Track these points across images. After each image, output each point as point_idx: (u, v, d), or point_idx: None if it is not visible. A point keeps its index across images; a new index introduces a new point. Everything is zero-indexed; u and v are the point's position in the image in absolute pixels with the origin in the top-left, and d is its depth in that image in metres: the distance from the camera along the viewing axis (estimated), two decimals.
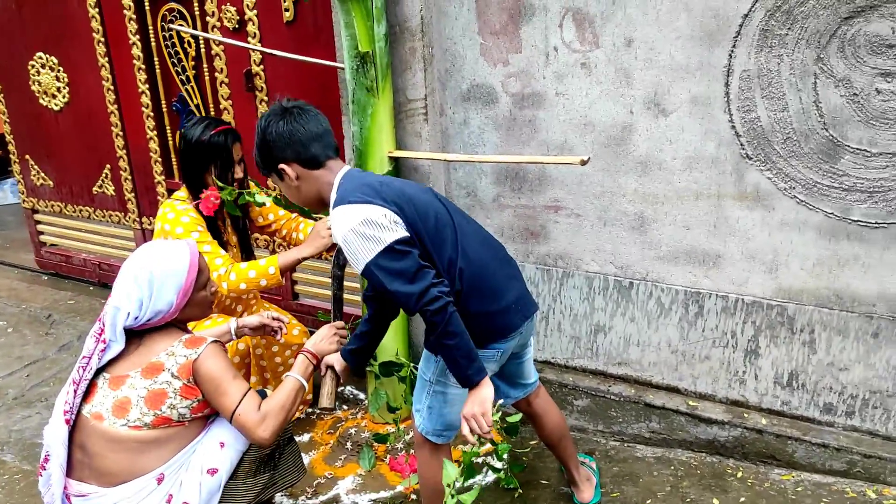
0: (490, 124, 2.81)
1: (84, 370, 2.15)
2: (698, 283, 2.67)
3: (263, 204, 2.85)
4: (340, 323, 2.50)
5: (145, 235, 4.25)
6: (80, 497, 2.18)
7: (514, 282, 2.13)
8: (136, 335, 2.19)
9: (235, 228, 3.01)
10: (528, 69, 2.67)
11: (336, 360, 2.39)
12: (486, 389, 1.95)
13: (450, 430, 2.23)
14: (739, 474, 2.66)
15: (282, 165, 2.06)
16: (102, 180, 4.26)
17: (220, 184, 2.74)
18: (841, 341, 2.50)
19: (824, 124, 2.30)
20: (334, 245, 2.76)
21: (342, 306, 2.59)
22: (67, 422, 2.14)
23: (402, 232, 1.89)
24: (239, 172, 2.83)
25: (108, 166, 4.19)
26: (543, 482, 2.73)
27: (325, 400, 2.45)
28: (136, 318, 2.15)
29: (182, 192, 2.84)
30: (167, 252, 2.20)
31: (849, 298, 2.45)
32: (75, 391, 2.15)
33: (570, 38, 2.57)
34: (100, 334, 2.15)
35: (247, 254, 3.06)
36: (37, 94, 4.27)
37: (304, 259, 2.78)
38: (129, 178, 4.13)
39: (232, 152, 2.78)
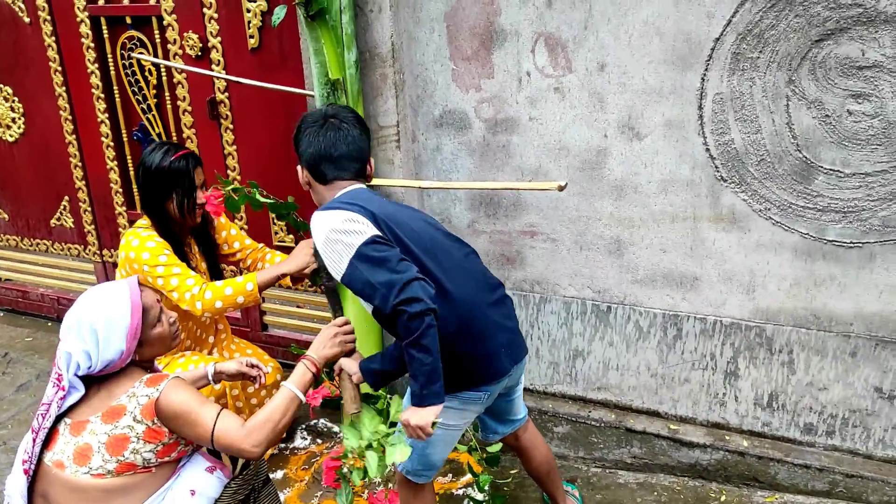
0: (463, 150, 2.78)
1: (44, 418, 2.04)
2: (676, 306, 2.66)
3: (262, 206, 2.72)
4: (343, 319, 2.26)
5: (106, 268, 4.13)
6: None
7: (505, 324, 2.07)
8: (95, 379, 2.09)
9: (203, 253, 2.91)
10: (501, 94, 2.65)
11: (353, 371, 2.25)
12: (436, 409, 1.87)
13: (430, 469, 2.18)
14: (723, 498, 2.64)
15: (298, 165, 2.17)
16: (61, 212, 4.12)
17: (221, 178, 2.62)
18: (819, 361, 2.50)
19: (797, 146, 2.32)
20: (314, 267, 2.68)
21: (339, 300, 2.46)
22: (26, 472, 2.04)
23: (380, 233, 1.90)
24: (201, 197, 2.71)
25: (67, 198, 4.07)
26: None
27: (351, 405, 2.29)
28: (89, 367, 2.05)
29: (144, 221, 2.74)
30: (105, 298, 2.07)
31: (826, 318, 2.46)
32: (34, 439, 2.04)
33: (542, 63, 2.56)
34: (58, 380, 2.05)
35: (217, 279, 2.97)
36: None
37: (284, 276, 2.68)
38: (89, 209, 4.01)
39: (193, 177, 2.66)
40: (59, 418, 2.09)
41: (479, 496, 2.69)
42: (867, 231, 2.31)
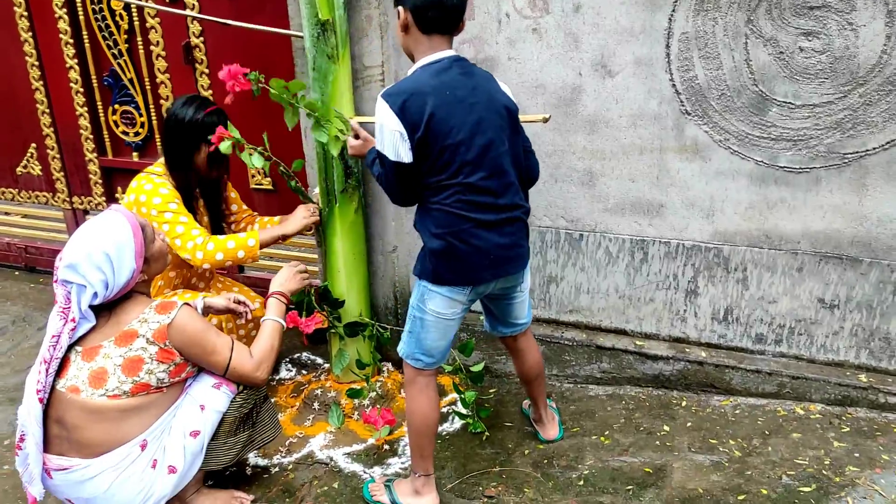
0: None
1: (54, 349, 2.16)
2: (643, 232, 2.90)
3: (255, 166, 2.80)
4: (295, 263, 2.73)
5: (76, 215, 4.15)
6: (60, 471, 2.19)
7: (498, 240, 2.23)
8: (104, 307, 2.22)
9: (208, 208, 3.01)
10: (482, 35, 2.82)
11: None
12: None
13: (426, 356, 2.37)
14: (684, 403, 2.93)
15: (399, 7, 2.18)
16: (27, 160, 4.12)
17: (233, 129, 2.66)
18: (770, 277, 2.79)
19: (754, 80, 2.56)
20: (311, 226, 2.93)
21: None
22: (41, 400, 2.15)
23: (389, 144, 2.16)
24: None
25: (34, 145, 4.06)
26: (508, 424, 2.92)
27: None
28: (106, 293, 2.17)
29: (158, 168, 2.82)
30: (106, 226, 2.20)
31: (777, 238, 2.74)
32: (47, 370, 2.15)
33: (521, 5, 2.73)
34: (64, 313, 2.16)
35: (216, 231, 3.07)
36: None
37: (285, 237, 2.86)
38: (58, 156, 4.02)
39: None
40: (68, 348, 2.21)
41: (465, 411, 2.91)
42: (814, 157, 2.59)
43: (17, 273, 4.43)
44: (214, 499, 2.49)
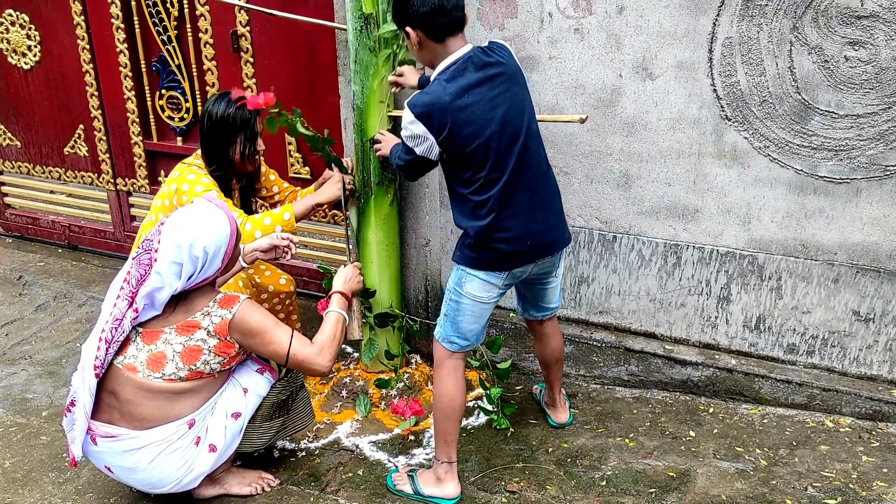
0: None
1: (116, 330, 2.22)
2: (677, 236, 2.89)
3: (298, 135, 2.77)
4: (359, 264, 2.81)
5: (119, 197, 4.25)
6: (107, 438, 2.27)
7: (537, 216, 2.32)
8: (172, 297, 2.26)
9: (242, 195, 3.07)
10: (523, 33, 2.83)
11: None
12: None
13: (461, 338, 2.45)
14: (711, 410, 2.92)
15: (407, 28, 2.25)
16: (75, 140, 4.22)
17: (276, 109, 2.69)
18: (805, 287, 2.77)
19: (797, 88, 2.54)
20: (345, 194, 2.93)
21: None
22: (97, 375, 2.22)
23: (418, 144, 2.26)
24: (261, 144, 2.88)
25: (82, 126, 4.16)
26: (532, 421, 2.94)
27: (356, 332, 2.71)
28: (182, 287, 2.23)
29: (197, 160, 2.88)
30: (211, 221, 2.24)
31: (813, 248, 2.71)
32: (107, 349, 2.22)
33: (564, 5, 2.74)
34: (131, 298, 2.21)
35: None
36: (5, 53, 4.19)
37: (319, 205, 2.88)
38: (104, 138, 4.12)
39: (256, 124, 2.80)
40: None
41: (490, 407, 2.93)
42: (855, 168, 2.56)
43: (59, 250, 4.55)
44: (243, 477, 2.55)
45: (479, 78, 2.21)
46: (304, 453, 2.80)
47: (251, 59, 3.55)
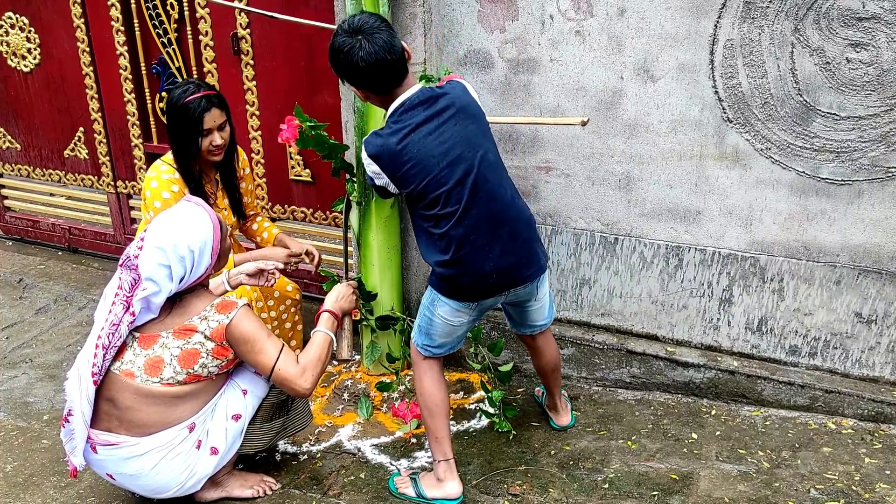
0: (485, 88, 2.96)
1: (113, 336, 2.21)
2: (679, 238, 2.89)
3: (328, 150, 2.81)
4: (353, 283, 2.73)
5: (120, 199, 4.24)
6: (107, 446, 2.26)
7: (505, 248, 2.29)
8: (167, 299, 2.26)
9: (226, 190, 3.06)
10: (524, 36, 2.83)
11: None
12: None
13: (434, 347, 2.49)
14: (714, 412, 2.91)
15: (352, 87, 2.32)
16: (75, 143, 4.22)
17: (300, 112, 2.69)
18: (807, 289, 2.76)
19: (799, 90, 2.54)
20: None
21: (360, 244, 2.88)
22: (95, 382, 2.21)
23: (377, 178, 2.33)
24: (217, 139, 2.81)
25: (82, 129, 4.16)
26: (535, 424, 2.93)
27: (345, 352, 2.68)
28: (175, 289, 2.23)
29: (169, 157, 2.88)
30: (194, 222, 2.25)
31: (815, 249, 2.71)
32: (104, 355, 2.21)
33: (565, 7, 2.73)
34: (127, 302, 2.20)
35: (238, 215, 3.12)
36: (5, 55, 4.19)
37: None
38: (104, 141, 4.11)
39: (202, 120, 2.74)
40: None
41: (491, 410, 2.93)
42: (857, 170, 2.56)
43: (60, 253, 4.54)
44: (245, 480, 2.55)
45: (426, 116, 2.22)
46: (305, 457, 2.79)
47: (251, 62, 3.54)
